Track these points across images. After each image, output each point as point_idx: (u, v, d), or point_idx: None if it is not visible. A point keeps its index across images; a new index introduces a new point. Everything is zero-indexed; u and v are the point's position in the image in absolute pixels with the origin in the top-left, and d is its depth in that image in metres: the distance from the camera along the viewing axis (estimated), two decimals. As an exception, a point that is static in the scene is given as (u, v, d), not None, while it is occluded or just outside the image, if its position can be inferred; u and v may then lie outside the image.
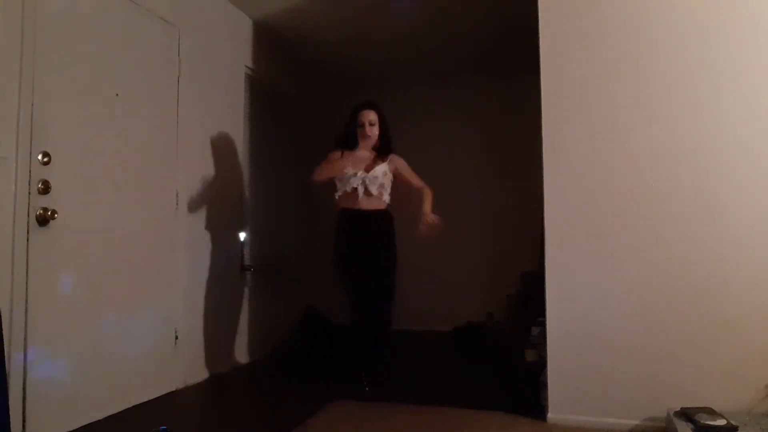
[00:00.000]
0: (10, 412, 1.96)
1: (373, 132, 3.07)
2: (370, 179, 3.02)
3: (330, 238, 3.24)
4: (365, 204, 3.04)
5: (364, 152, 3.12)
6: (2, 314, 1.98)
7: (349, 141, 3.13)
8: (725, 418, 2.16)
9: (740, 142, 2.42)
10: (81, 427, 2.47)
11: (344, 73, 5.26)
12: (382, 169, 3.04)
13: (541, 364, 2.92)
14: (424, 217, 3.05)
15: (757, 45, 2.43)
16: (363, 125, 3.07)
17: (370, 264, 3.02)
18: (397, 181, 3.18)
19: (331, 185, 3.21)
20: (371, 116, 3.08)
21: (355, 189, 3.02)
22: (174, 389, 3.12)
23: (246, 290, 3.98)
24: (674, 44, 2.52)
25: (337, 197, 3.12)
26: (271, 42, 4.35)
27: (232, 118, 3.87)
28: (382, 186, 3.04)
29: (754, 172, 2.40)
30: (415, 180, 3.20)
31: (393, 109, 3.47)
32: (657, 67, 2.54)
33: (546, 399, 2.62)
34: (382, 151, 3.13)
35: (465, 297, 5.05)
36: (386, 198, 3.09)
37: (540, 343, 2.98)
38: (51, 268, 2.36)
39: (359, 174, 3.02)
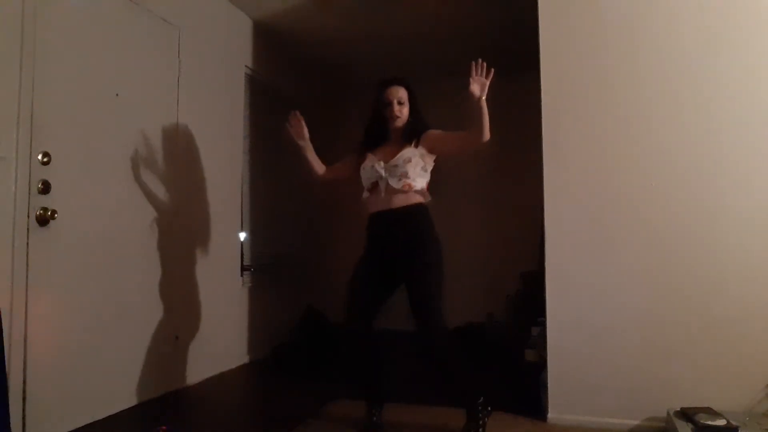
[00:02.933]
0: (10, 412, 1.96)
1: (403, 112, 2.48)
2: (389, 169, 2.40)
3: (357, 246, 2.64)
4: (386, 203, 2.42)
5: (393, 140, 2.54)
6: (2, 314, 1.98)
7: (376, 131, 2.56)
8: (725, 418, 2.16)
9: (742, 139, 2.43)
10: (81, 427, 2.48)
11: (344, 73, 5.26)
12: (405, 155, 2.41)
13: (541, 364, 2.92)
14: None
15: (759, 43, 2.43)
16: (391, 104, 2.47)
17: (391, 283, 2.45)
18: (442, 153, 2.50)
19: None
20: (400, 93, 2.49)
21: (376, 184, 2.44)
22: (174, 389, 3.12)
23: (246, 290, 3.98)
24: (675, 41, 2.52)
25: (363, 198, 2.53)
26: (271, 42, 4.35)
27: (232, 118, 3.87)
28: (405, 174, 2.38)
29: (756, 170, 2.41)
30: (455, 135, 2.44)
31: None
32: (658, 64, 2.54)
33: (546, 399, 2.62)
34: (410, 134, 2.49)
35: (465, 297, 5.04)
36: (417, 185, 2.41)
37: (540, 343, 2.98)
38: (51, 268, 2.36)
39: (376, 165, 2.44)
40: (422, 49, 4.63)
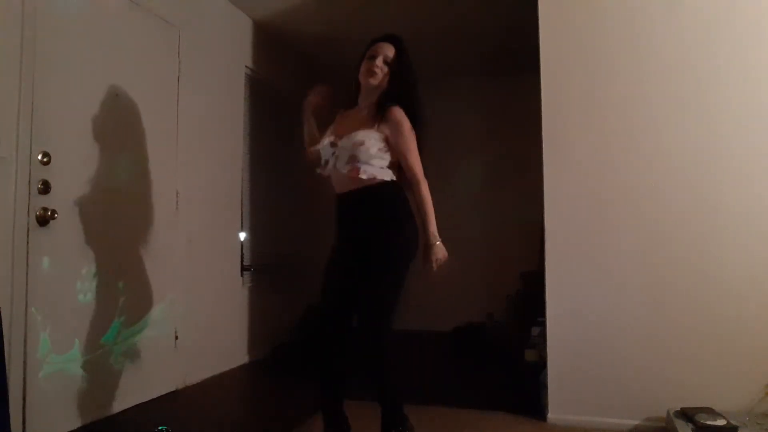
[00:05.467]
0: (10, 412, 1.96)
1: (384, 71, 2.08)
2: (340, 149, 2.05)
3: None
4: (339, 185, 2.08)
5: (362, 106, 2.17)
6: (2, 314, 1.98)
7: (352, 93, 2.23)
8: (725, 418, 2.16)
9: (743, 141, 2.43)
10: (81, 427, 2.48)
11: (344, 74, 5.25)
12: (361, 136, 2.00)
13: (541, 364, 2.92)
14: (430, 250, 2.00)
15: (760, 42, 2.43)
16: (372, 58, 2.10)
17: (348, 270, 2.08)
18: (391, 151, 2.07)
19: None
20: (387, 51, 2.10)
21: (327, 162, 2.11)
22: (174, 389, 3.12)
23: (246, 290, 3.98)
24: (676, 41, 2.52)
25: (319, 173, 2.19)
26: (271, 42, 4.35)
27: (232, 118, 3.87)
28: (354, 158, 2.00)
29: (757, 171, 2.40)
30: (411, 160, 2.02)
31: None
32: (658, 63, 2.54)
33: (546, 399, 2.62)
34: (383, 105, 2.07)
35: (465, 297, 5.04)
36: (369, 171, 2.00)
37: (540, 343, 2.98)
38: (51, 268, 2.36)
39: (328, 141, 2.11)
40: (422, 50, 4.61)
